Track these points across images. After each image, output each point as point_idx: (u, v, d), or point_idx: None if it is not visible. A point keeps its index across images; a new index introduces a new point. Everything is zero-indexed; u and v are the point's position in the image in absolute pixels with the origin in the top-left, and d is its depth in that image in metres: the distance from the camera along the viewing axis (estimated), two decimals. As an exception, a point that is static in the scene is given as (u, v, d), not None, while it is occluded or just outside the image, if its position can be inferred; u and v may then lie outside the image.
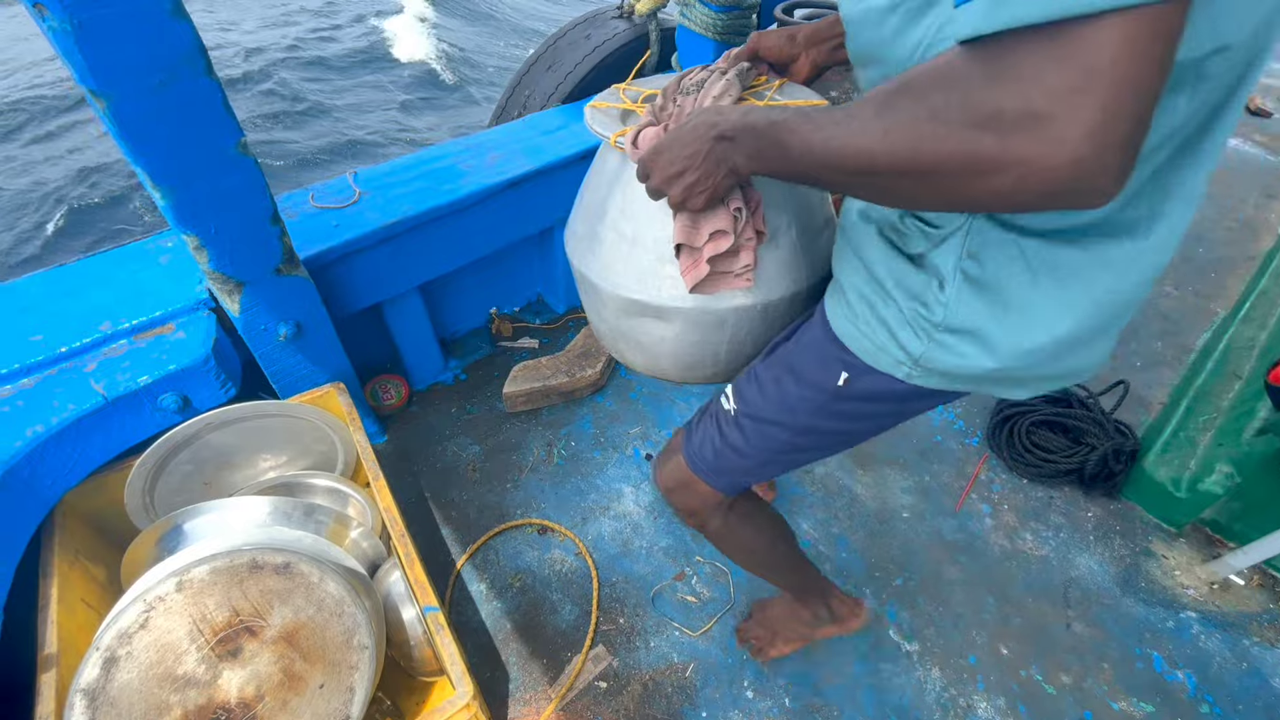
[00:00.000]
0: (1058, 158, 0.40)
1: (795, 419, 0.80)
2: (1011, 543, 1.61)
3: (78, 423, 1.13)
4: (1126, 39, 0.37)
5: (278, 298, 1.32)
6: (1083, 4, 0.37)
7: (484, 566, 1.56)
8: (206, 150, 1.06)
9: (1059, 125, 0.39)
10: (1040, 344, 0.62)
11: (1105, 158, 0.40)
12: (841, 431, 0.82)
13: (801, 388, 0.78)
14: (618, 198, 0.86)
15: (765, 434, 0.82)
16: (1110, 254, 0.58)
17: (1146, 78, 0.39)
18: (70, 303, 1.29)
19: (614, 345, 1.00)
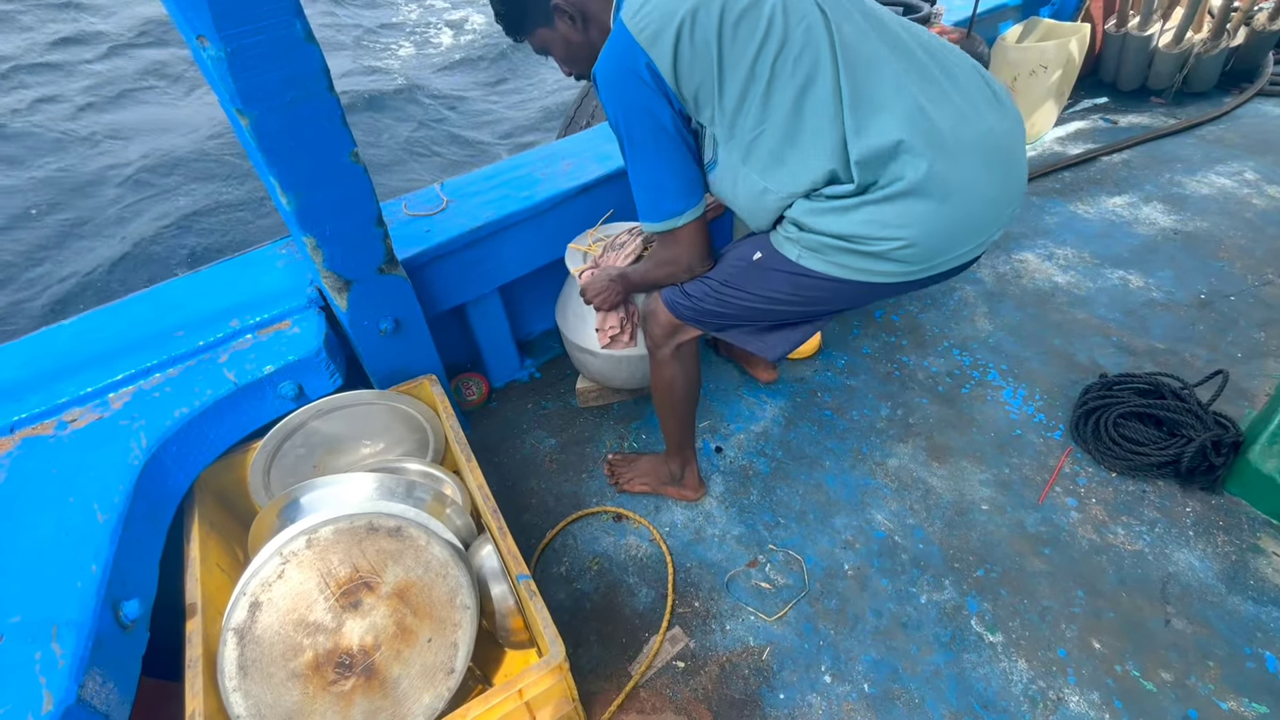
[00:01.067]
0: (683, 270, 1.25)
1: (725, 278, 1.20)
2: (1101, 536, 1.55)
3: (215, 405, 1.27)
4: (689, 230, 1.17)
5: (380, 295, 1.44)
6: (668, 225, 1.15)
7: (563, 550, 1.63)
8: (326, 159, 1.19)
9: (681, 261, 1.23)
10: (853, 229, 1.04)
11: (695, 265, 1.23)
12: (751, 293, 1.18)
13: (734, 261, 1.20)
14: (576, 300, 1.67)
15: (706, 285, 1.23)
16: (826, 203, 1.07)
17: (705, 237, 1.20)
18: (207, 302, 1.46)
19: (579, 366, 1.89)
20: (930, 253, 1.04)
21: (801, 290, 1.14)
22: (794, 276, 1.12)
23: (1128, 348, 2.04)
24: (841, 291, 1.12)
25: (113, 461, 1.15)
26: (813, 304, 1.18)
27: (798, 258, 1.10)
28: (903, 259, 1.04)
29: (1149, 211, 2.66)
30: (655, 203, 1.13)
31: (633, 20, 1.00)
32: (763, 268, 1.15)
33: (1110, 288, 2.28)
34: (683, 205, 1.12)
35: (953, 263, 1.08)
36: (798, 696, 1.32)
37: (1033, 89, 3.00)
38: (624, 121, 1.05)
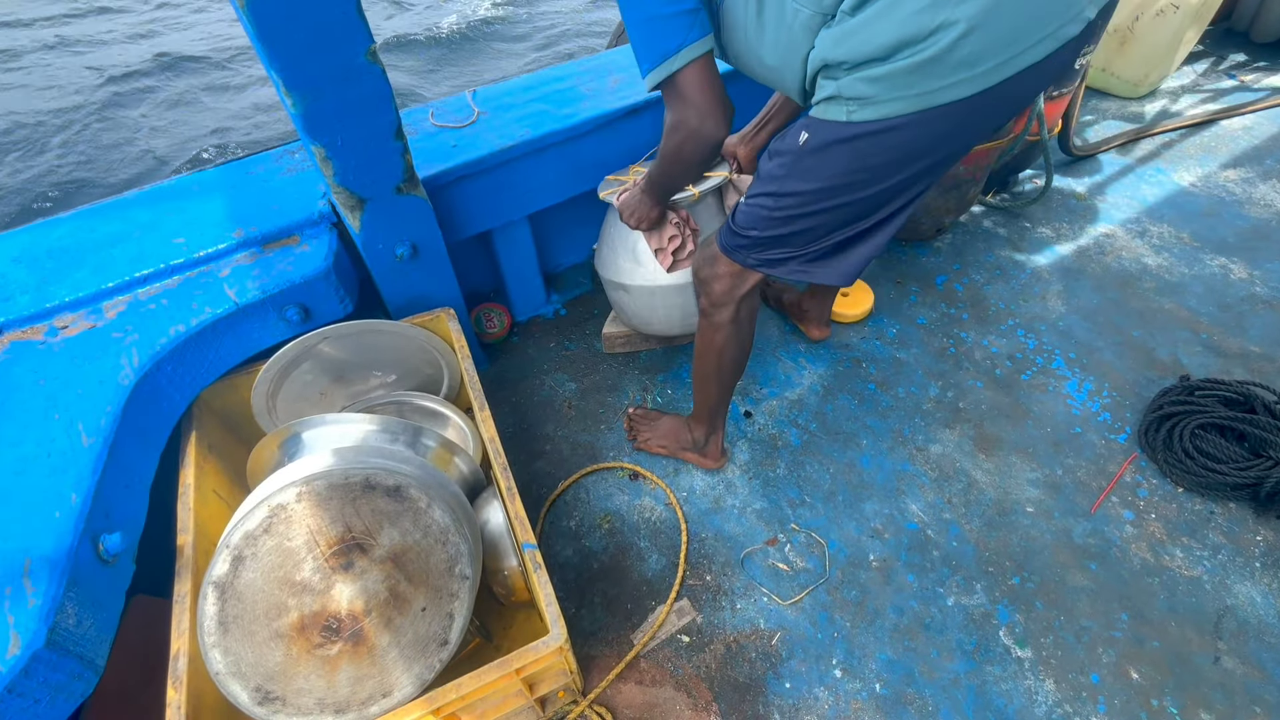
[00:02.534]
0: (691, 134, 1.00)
1: (776, 185, 1.00)
2: (1156, 557, 1.42)
3: (214, 325, 1.18)
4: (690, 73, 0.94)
5: (397, 217, 1.30)
6: (663, 71, 0.94)
7: (574, 504, 1.56)
8: (337, 55, 1.02)
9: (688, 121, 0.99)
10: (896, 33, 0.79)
11: (707, 127, 0.99)
12: (809, 193, 0.97)
13: (780, 158, 1.00)
14: (612, 233, 1.54)
15: (757, 205, 1.05)
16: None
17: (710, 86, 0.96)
18: (210, 207, 1.33)
19: (615, 306, 1.70)
20: (1002, 38, 0.78)
21: (866, 160, 0.91)
22: (852, 144, 0.90)
23: (1218, 348, 1.82)
24: (913, 144, 0.89)
25: (102, 378, 1.07)
26: (883, 178, 0.94)
27: (849, 115, 0.87)
28: (969, 57, 0.79)
29: (1266, 191, 2.35)
30: (646, 47, 0.94)
31: None
32: (811, 150, 0.93)
33: (1207, 276, 2.03)
34: (675, 42, 0.92)
35: (1036, 52, 0.81)
36: (804, 688, 1.26)
37: (1156, 31, 2.60)
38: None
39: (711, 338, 1.28)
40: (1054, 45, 0.81)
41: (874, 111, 0.85)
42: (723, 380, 1.37)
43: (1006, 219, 2.27)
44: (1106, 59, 2.77)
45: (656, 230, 1.40)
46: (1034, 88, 0.86)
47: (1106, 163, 2.50)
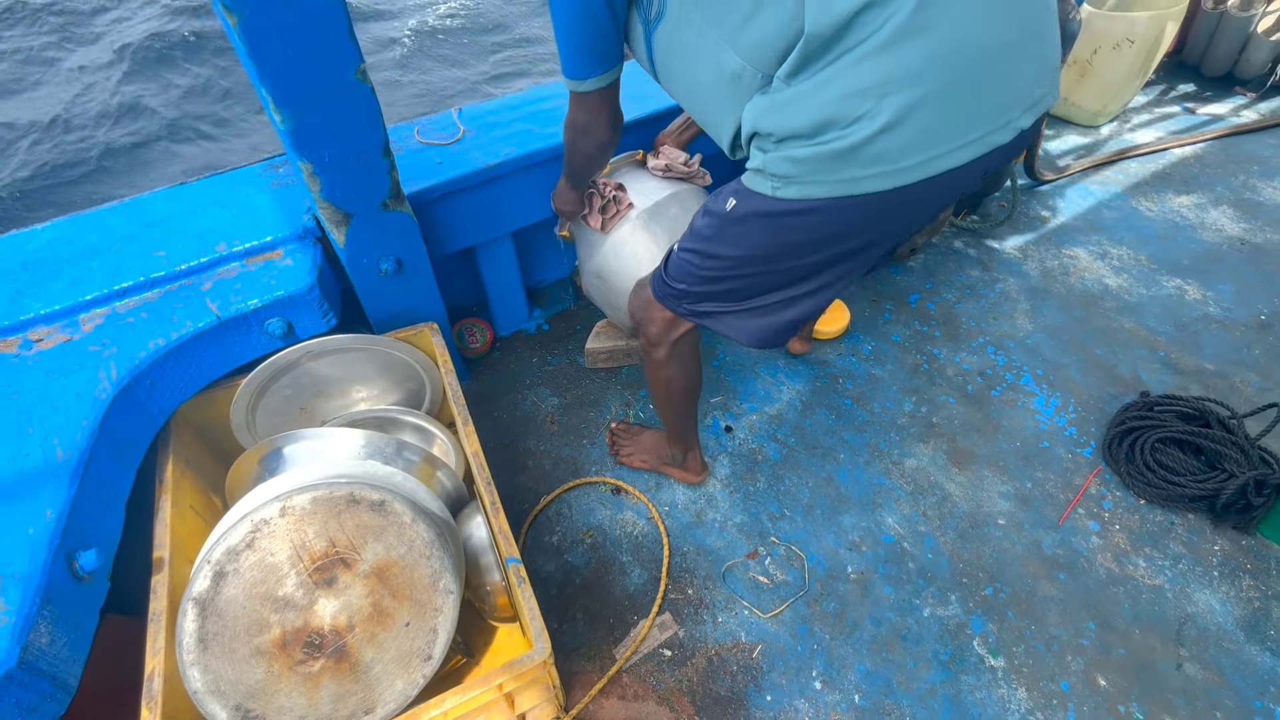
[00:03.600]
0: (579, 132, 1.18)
1: (703, 245, 1.01)
2: (1120, 566, 1.47)
3: (195, 339, 1.17)
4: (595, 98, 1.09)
5: (382, 232, 1.31)
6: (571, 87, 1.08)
7: (556, 518, 1.56)
8: (328, 74, 1.03)
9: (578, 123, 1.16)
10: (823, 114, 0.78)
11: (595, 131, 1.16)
12: (738, 258, 0.98)
13: (709, 219, 1.00)
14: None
15: (686, 260, 1.06)
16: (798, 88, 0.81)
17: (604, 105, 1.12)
18: (191, 221, 1.33)
19: (601, 302, 1.74)
20: (925, 137, 0.76)
21: (786, 236, 0.91)
22: (774, 219, 0.90)
23: (1175, 365, 1.91)
24: (831, 227, 0.88)
25: (78, 392, 1.05)
26: (804, 255, 0.95)
27: (773, 191, 0.87)
28: (889, 152, 0.77)
29: (1217, 216, 2.47)
30: (566, 59, 1.04)
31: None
32: (737, 219, 0.94)
33: (1164, 297, 2.13)
34: (586, 70, 1.03)
35: (960, 155, 0.79)
36: (785, 700, 1.27)
37: (1112, 65, 2.73)
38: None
39: (656, 373, 1.30)
40: (980, 150, 0.79)
41: (796, 191, 0.85)
42: (679, 407, 1.39)
43: (976, 240, 2.35)
44: (1067, 89, 2.90)
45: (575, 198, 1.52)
46: (958, 188, 0.86)
47: (1069, 188, 2.61)
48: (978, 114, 0.77)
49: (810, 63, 0.78)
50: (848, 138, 0.77)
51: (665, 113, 1.71)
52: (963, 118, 0.77)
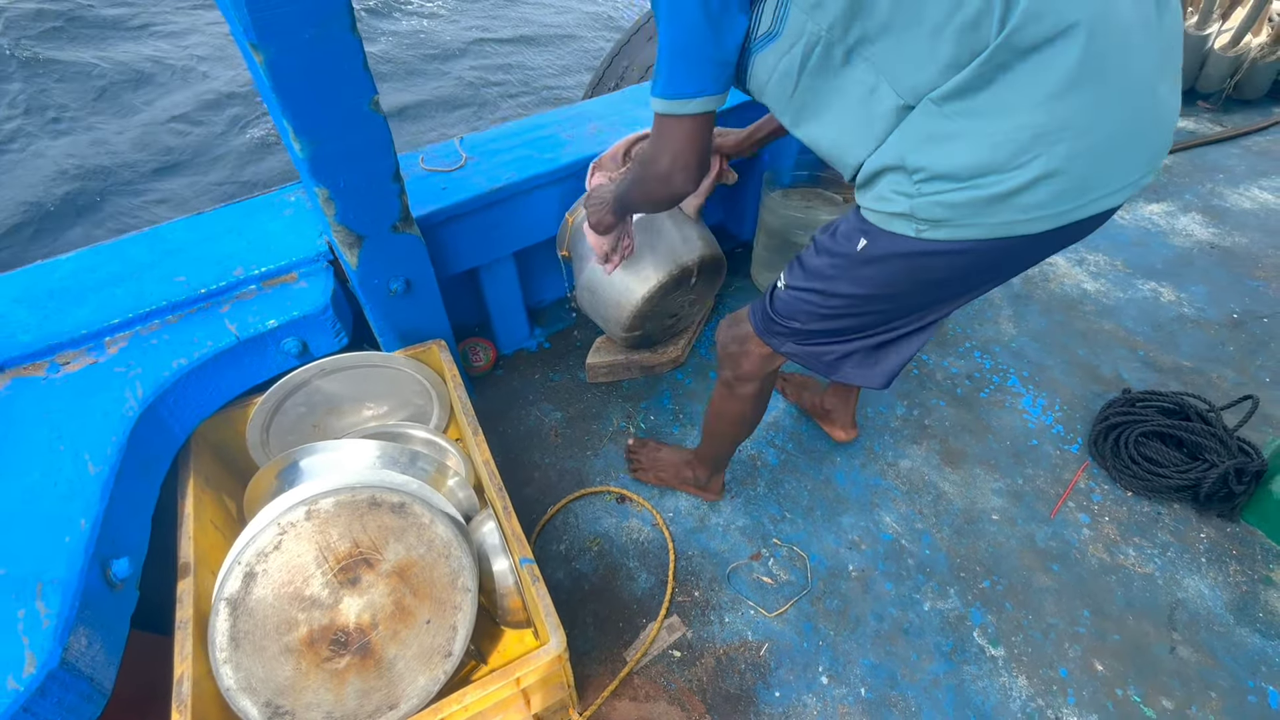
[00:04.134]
0: (655, 178, 0.98)
1: (824, 284, 0.97)
2: (1111, 556, 1.52)
3: (215, 359, 1.22)
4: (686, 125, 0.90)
5: (392, 253, 1.37)
6: (664, 105, 0.89)
7: (563, 529, 1.60)
8: (345, 105, 1.11)
9: (659, 162, 0.95)
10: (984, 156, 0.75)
11: (677, 179, 0.96)
12: (857, 297, 0.95)
13: (832, 258, 0.95)
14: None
15: (800, 299, 1.02)
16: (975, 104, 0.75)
17: (699, 144, 0.92)
18: (209, 248, 1.39)
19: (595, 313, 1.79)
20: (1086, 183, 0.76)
21: (928, 275, 0.88)
22: (916, 259, 0.85)
23: (1154, 364, 1.98)
24: (980, 265, 0.86)
25: (106, 410, 1.10)
26: (941, 290, 0.93)
27: (917, 233, 0.82)
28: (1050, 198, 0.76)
29: (1186, 222, 2.58)
30: (669, 73, 0.87)
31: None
32: (870, 259, 0.89)
33: (1140, 299, 2.22)
34: (695, 87, 0.86)
35: (1115, 199, 0.80)
36: (793, 696, 1.30)
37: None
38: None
39: (732, 406, 1.29)
40: (1131, 193, 0.81)
41: (947, 233, 0.81)
42: (736, 439, 1.43)
43: (958, 251, 2.44)
44: (1039, 107, 3.04)
45: (604, 236, 1.42)
46: (1100, 223, 0.85)
47: (1045, 199, 2.72)
48: (1123, 168, 0.78)
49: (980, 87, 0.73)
50: (1007, 183, 0.75)
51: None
52: (1113, 170, 0.77)
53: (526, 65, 6.73)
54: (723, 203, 2.34)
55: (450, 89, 6.21)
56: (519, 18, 7.81)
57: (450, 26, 7.46)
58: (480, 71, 6.50)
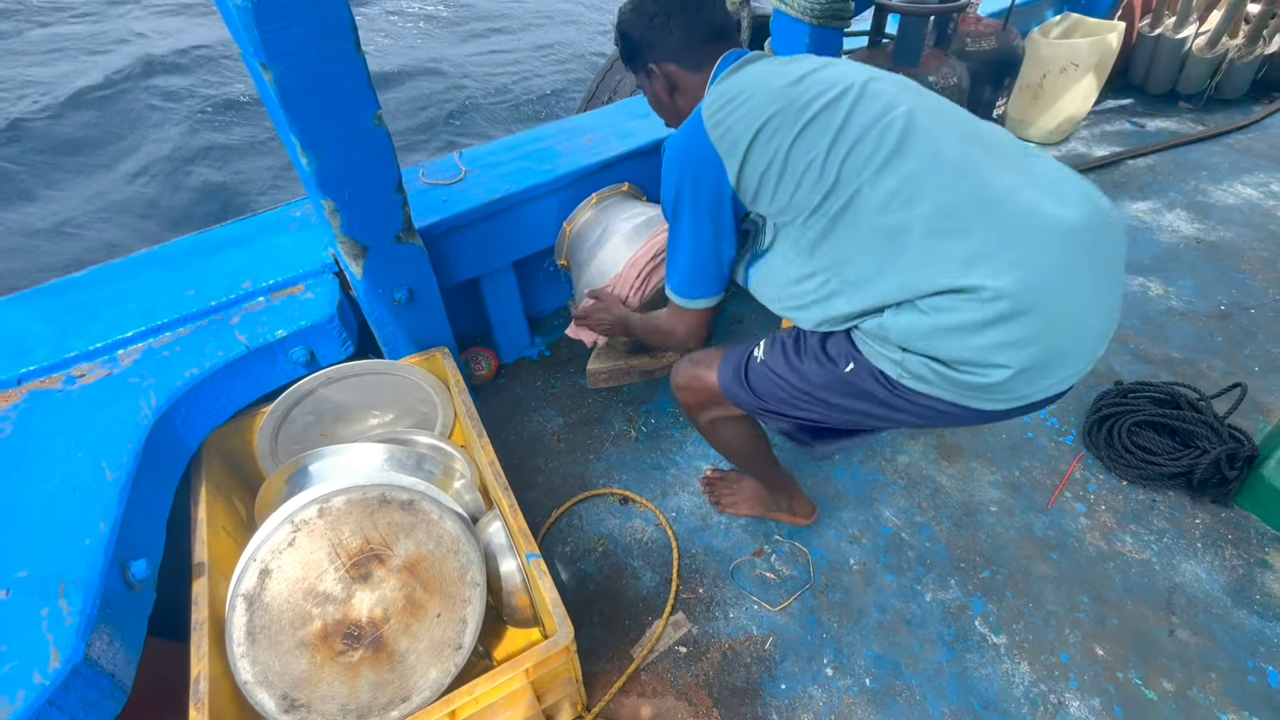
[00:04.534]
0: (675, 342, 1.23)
1: (802, 383, 1.07)
2: (1109, 544, 1.54)
3: (226, 368, 1.25)
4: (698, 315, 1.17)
5: (396, 264, 1.41)
6: (682, 301, 1.15)
7: (568, 531, 1.62)
8: (350, 121, 1.15)
9: (675, 336, 1.23)
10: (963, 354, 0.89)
11: (689, 343, 1.22)
12: (830, 404, 1.06)
13: (819, 366, 1.04)
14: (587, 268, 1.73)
15: (777, 384, 1.10)
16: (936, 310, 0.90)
17: (705, 325, 1.19)
18: (218, 262, 1.43)
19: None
20: (1044, 378, 0.91)
21: (896, 406, 0.99)
22: (891, 391, 0.97)
23: (1144, 356, 2.02)
24: (941, 414, 0.98)
25: (121, 419, 1.13)
26: (901, 419, 1.04)
27: (899, 378, 0.95)
28: (1014, 391, 0.91)
29: (1172, 219, 2.63)
30: (680, 276, 1.12)
31: (711, 120, 0.99)
32: (851, 380, 1.00)
33: (1130, 294, 2.26)
34: (700, 290, 1.12)
35: (1064, 385, 0.94)
36: (799, 687, 1.32)
37: (1062, 87, 2.94)
38: (674, 200, 1.05)
39: (729, 434, 1.31)
40: (1074, 381, 0.94)
41: (924, 387, 0.93)
42: (755, 462, 1.40)
43: (949, 252, 2.49)
44: (1023, 111, 3.10)
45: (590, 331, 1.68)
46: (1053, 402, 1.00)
47: (1033, 200, 2.77)
48: (1071, 365, 0.91)
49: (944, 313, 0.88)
50: (983, 378, 0.89)
51: (648, 147, 1.85)
52: (1071, 369, 0.91)
53: (522, 82, 6.85)
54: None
55: (446, 107, 6.33)
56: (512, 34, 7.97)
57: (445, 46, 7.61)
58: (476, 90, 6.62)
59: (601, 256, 1.67)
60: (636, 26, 1.11)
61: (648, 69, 1.15)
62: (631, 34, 1.12)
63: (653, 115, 2.02)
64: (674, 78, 1.13)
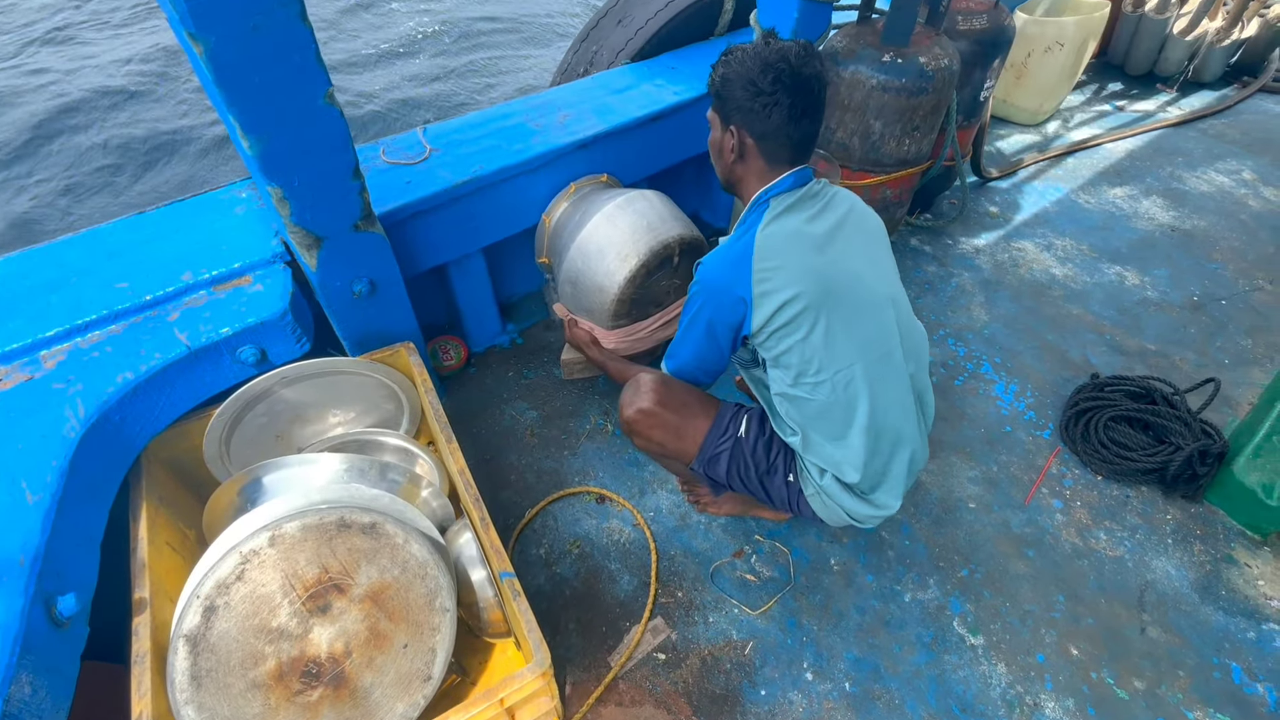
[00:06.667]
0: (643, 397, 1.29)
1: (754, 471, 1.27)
2: (1084, 541, 1.55)
3: (164, 371, 1.14)
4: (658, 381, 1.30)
5: (354, 254, 1.30)
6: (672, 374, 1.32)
7: (543, 531, 1.56)
8: (296, 99, 1.03)
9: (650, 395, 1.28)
10: None
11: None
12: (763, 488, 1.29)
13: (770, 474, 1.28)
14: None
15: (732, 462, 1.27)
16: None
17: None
18: (153, 250, 1.29)
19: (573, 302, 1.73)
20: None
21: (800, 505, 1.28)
22: (800, 498, 1.27)
23: (1120, 347, 2.02)
24: None
25: (44, 432, 1.01)
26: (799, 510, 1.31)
27: (810, 496, 1.25)
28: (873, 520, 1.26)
29: (1149, 206, 2.63)
30: (677, 364, 1.28)
31: (762, 252, 1.09)
32: (788, 485, 1.27)
33: (1106, 283, 2.26)
34: (692, 378, 1.30)
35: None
36: (779, 693, 1.30)
37: (1045, 66, 2.89)
38: (696, 314, 1.19)
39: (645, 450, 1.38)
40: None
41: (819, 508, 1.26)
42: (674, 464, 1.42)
43: (931, 237, 2.45)
44: (1006, 91, 3.05)
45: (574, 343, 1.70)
46: None
47: (1015, 185, 2.74)
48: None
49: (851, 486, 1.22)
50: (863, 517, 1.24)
51: (629, 125, 1.74)
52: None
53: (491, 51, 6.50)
54: (695, 189, 2.29)
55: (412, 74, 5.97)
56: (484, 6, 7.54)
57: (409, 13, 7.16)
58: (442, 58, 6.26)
59: (583, 237, 1.58)
60: (743, 91, 1.10)
61: (731, 126, 1.16)
62: (735, 93, 1.11)
63: (633, 91, 1.92)
64: (748, 151, 1.16)
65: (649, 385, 1.26)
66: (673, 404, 1.26)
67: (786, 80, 1.08)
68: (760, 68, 1.08)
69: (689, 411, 1.26)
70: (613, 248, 1.56)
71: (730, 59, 1.13)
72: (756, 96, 1.09)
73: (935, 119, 1.93)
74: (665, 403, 1.25)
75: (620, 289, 1.58)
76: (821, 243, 1.12)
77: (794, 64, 1.08)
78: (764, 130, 1.12)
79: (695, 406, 1.27)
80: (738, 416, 1.27)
